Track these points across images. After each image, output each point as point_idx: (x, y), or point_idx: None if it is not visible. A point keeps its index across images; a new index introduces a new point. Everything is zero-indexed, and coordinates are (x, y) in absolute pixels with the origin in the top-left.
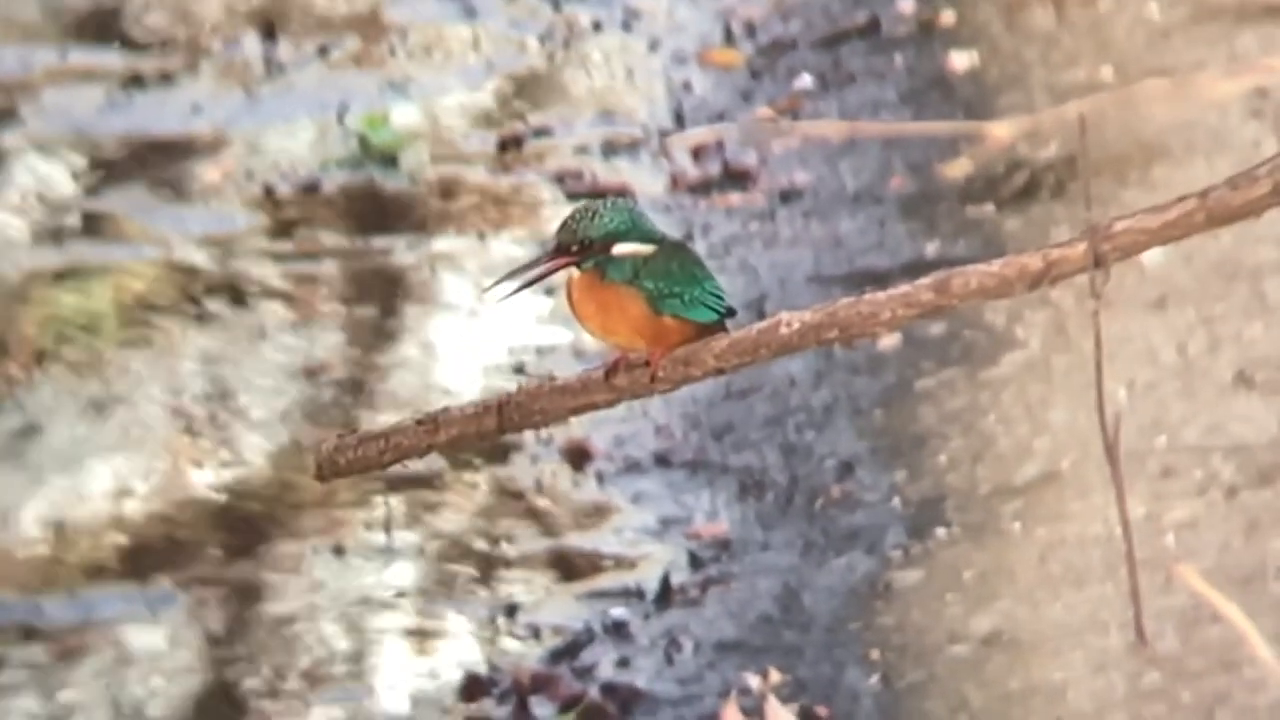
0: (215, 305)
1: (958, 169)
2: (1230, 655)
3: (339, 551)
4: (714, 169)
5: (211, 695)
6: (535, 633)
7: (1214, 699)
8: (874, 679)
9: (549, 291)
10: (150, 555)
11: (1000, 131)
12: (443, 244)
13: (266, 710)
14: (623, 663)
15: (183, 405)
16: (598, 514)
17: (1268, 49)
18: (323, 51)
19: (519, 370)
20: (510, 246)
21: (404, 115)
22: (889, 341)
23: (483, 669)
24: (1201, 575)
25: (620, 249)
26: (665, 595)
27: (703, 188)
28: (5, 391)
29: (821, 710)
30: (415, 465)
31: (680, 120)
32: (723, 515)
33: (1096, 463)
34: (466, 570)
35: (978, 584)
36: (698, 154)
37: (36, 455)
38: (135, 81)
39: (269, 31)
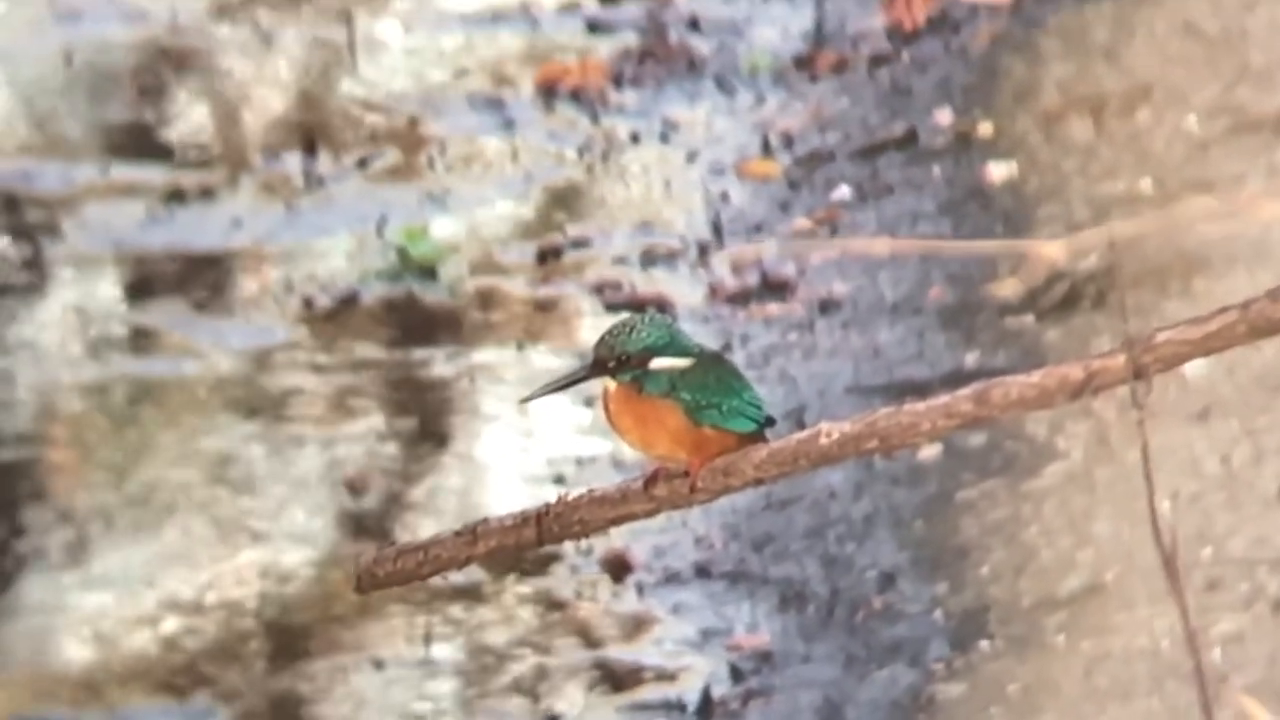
0: (255, 417)
1: (1007, 288)
2: None
3: (379, 665)
4: (752, 280)
5: None
6: None
7: None
8: None
9: (588, 402)
10: (190, 669)
11: (1048, 250)
12: (482, 355)
13: None
14: None
15: (223, 517)
16: (638, 625)
17: None
18: (362, 164)
19: (558, 481)
20: (549, 358)
21: (443, 227)
22: (929, 452)
23: None
24: (1247, 690)
25: (657, 363)
26: (706, 708)
27: (741, 298)
28: (50, 505)
29: None
30: (455, 577)
31: (718, 231)
32: (763, 627)
33: (1141, 575)
34: (507, 683)
35: (1022, 698)
36: (737, 266)
37: (77, 569)
38: (176, 196)
39: (309, 146)
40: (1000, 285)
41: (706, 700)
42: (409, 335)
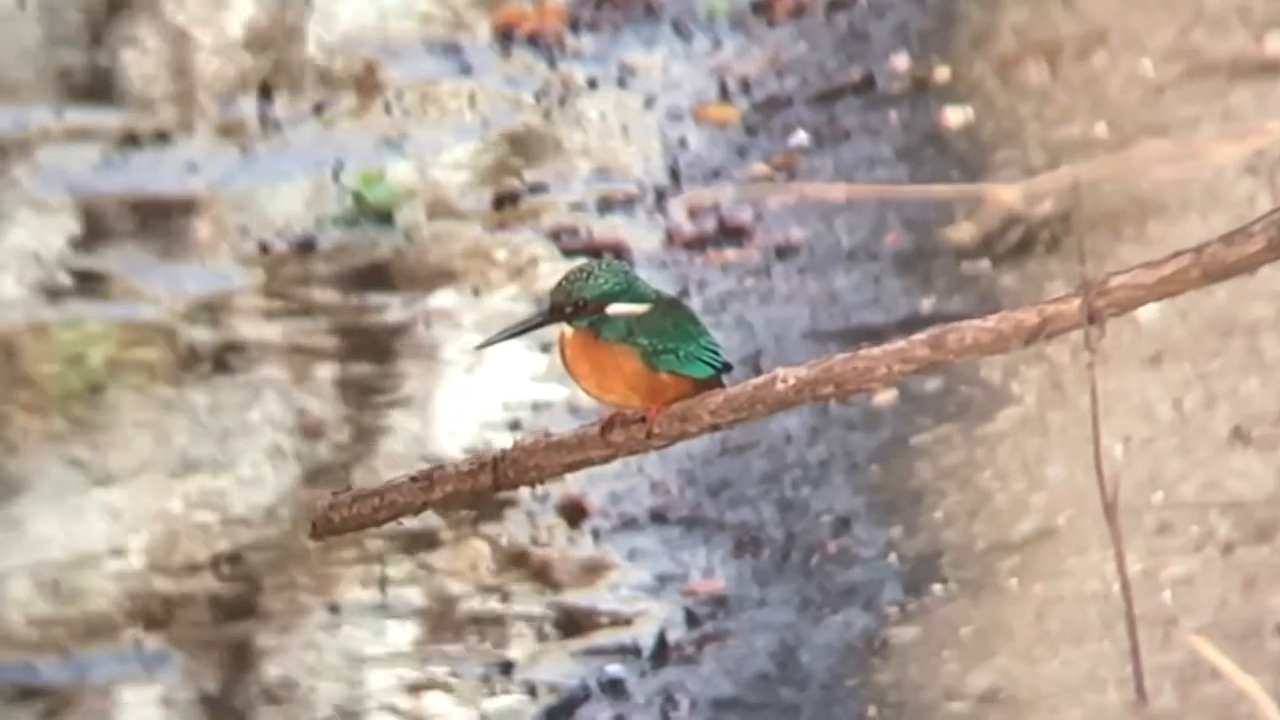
0: (210, 363)
1: (962, 232)
2: (1229, 713)
3: (334, 610)
4: (709, 225)
5: None
6: (531, 690)
7: None
8: None
9: (545, 348)
10: (145, 615)
11: (1004, 194)
12: (438, 301)
13: None
14: None
15: (177, 464)
16: (594, 571)
17: (1262, 106)
18: (318, 109)
19: (514, 426)
20: (505, 303)
21: (399, 173)
22: (885, 397)
23: None
24: (1199, 632)
25: (615, 309)
26: (661, 652)
27: (698, 244)
28: (1, 451)
29: None
30: (411, 523)
31: (676, 176)
32: (719, 572)
33: (1093, 519)
34: (463, 629)
35: (975, 641)
36: (693, 210)
37: (30, 515)
38: (131, 140)
39: (264, 90)
40: (956, 229)
41: (662, 644)
42: (365, 280)
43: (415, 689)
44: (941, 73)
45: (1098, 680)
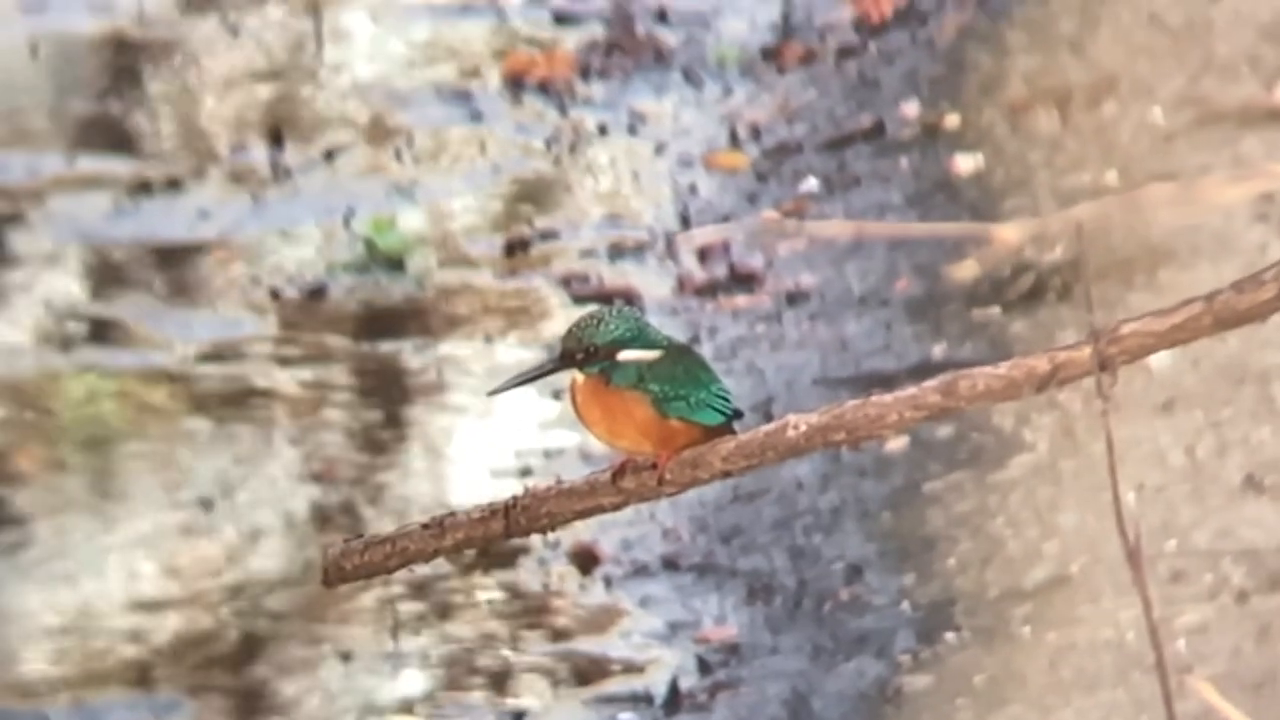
0: (222, 410)
1: (965, 270)
2: None
3: (346, 658)
4: (720, 272)
5: None
6: None
7: None
8: None
9: (556, 395)
10: (157, 663)
11: (1007, 234)
12: (449, 347)
13: None
14: None
15: (189, 511)
16: (605, 618)
17: (1272, 153)
18: (329, 156)
19: (526, 473)
20: (516, 350)
21: (410, 219)
22: (896, 444)
23: None
24: (1212, 681)
25: (625, 355)
26: (674, 700)
27: (709, 290)
28: (15, 497)
29: None
30: (423, 570)
31: (686, 223)
32: (731, 619)
33: (1106, 566)
34: (474, 675)
35: (988, 688)
36: (704, 256)
37: (41, 562)
38: (143, 188)
39: (276, 137)
40: (959, 268)
41: (674, 692)
42: (376, 327)
43: None
44: (952, 120)
45: None
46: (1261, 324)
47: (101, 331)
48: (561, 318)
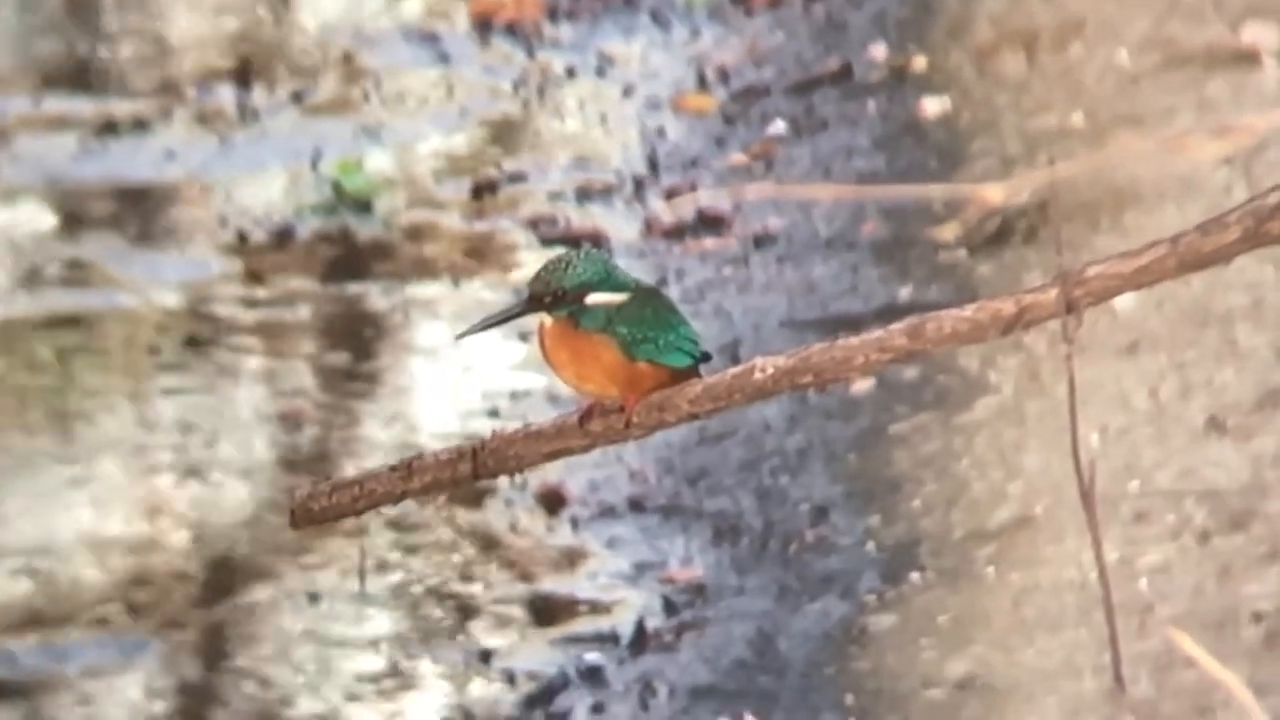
0: (188, 351)
1: (948, 232)
2: (1204, 700)
3: (313, 598)
4: (688, 215)
5: None
6: (510, 678)
7: None
8: None
9: (523, 337)
10: (123, 602)
11: (989, 193)
12: (417, 290)
13: None
14: (598, 708)
15: (156, 452)
16: (572, 559)
17: (1238, 96)
18: (297, 98)
19: (493, 415)
20: (484, 292)
21: (378, 161)
22: (862, 386)
23: (457, 715)
24: (1174, 620)
25: (593, 299)
26: (640, 640)
27: (677, 233)
28: None
29: None
30: (390, 511)
31: (654, 166)
32: (697, 560)
33: (1070, 507)
34: (441, 616)
35: (952, 629)
36: (676, 208)
37: (6, 503)
38: (109, 129)
39: (243, 78)
40: (941, 229)
41: (640, 632)
42: (344, 269)
43: (394, 677)
44: (919, 62)
45: (1074, 668)
46: (1225, 266)
47: (68, 272)
48: (529, 260)
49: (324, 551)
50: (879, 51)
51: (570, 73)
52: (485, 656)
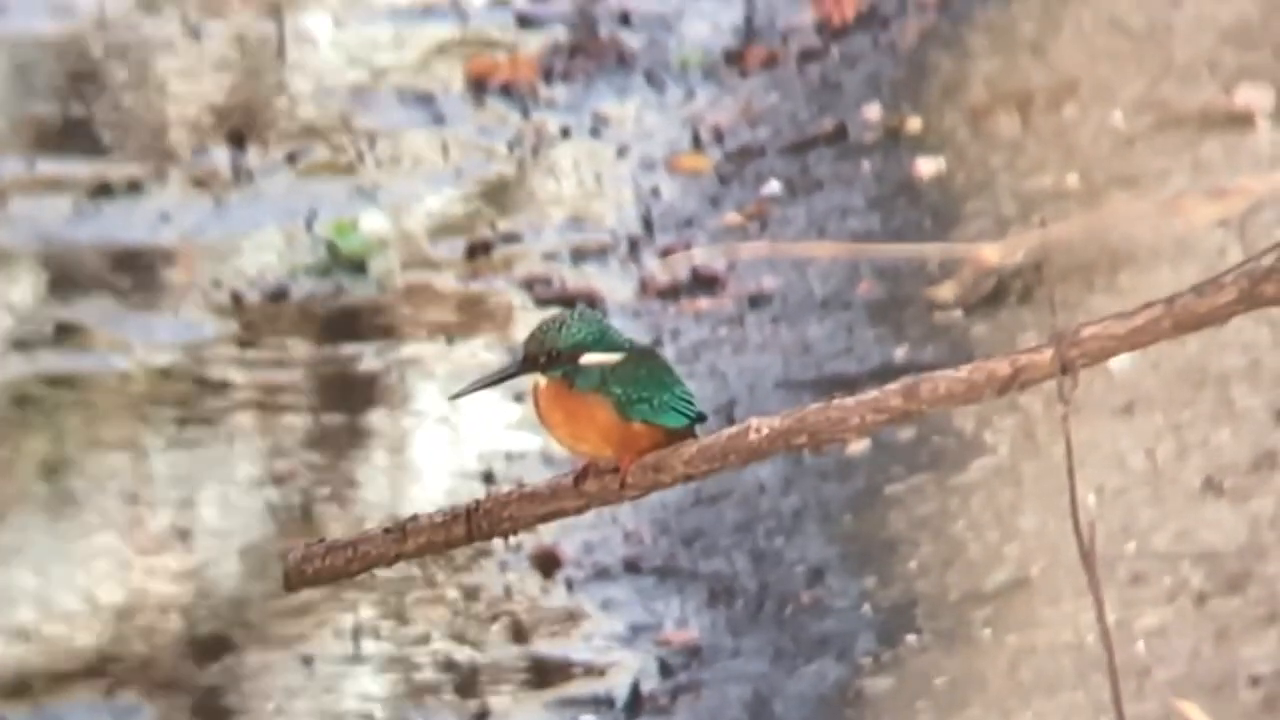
0: (183, 413)
1: (945, 292)
2: None
3: (307, 661)
4: (683, 275)
5: None
6: None
7: None
8: None
9: (518, 398)
10: (116, 666)
11: (986, 254)
12: (411, 350)
13: None
14: None
15: (149, 514)
16: (567, 621)
17: (1231, 158)
18: (291, 159)
19: (488, 477)
20: (479, 352)
21: (372, 222)
22: (858, 447)
23: None
24: (1172, 683)
25: (588, 359)
26: (635, 703)
27: (671, 293)
28: None
29: None
30: (384, 574)
31: (649, 226)
32: (693, 622)
33: (1067, 569)
34: (436, 678)
35: (949, 691)
36: (671, 267)
37: (1, 566)
38: (103, 190)
39: (237, 140)
40: (939, 289)
41: (635, 695)
42: (338, 330)
43: None
44: (913, 123)
45: None
46: (1221, 327)
47: (61, 334)
48: (524, 321)
49: (318, 614)
50: (873, 112)
51: (565, 133)
52: (481, 718)
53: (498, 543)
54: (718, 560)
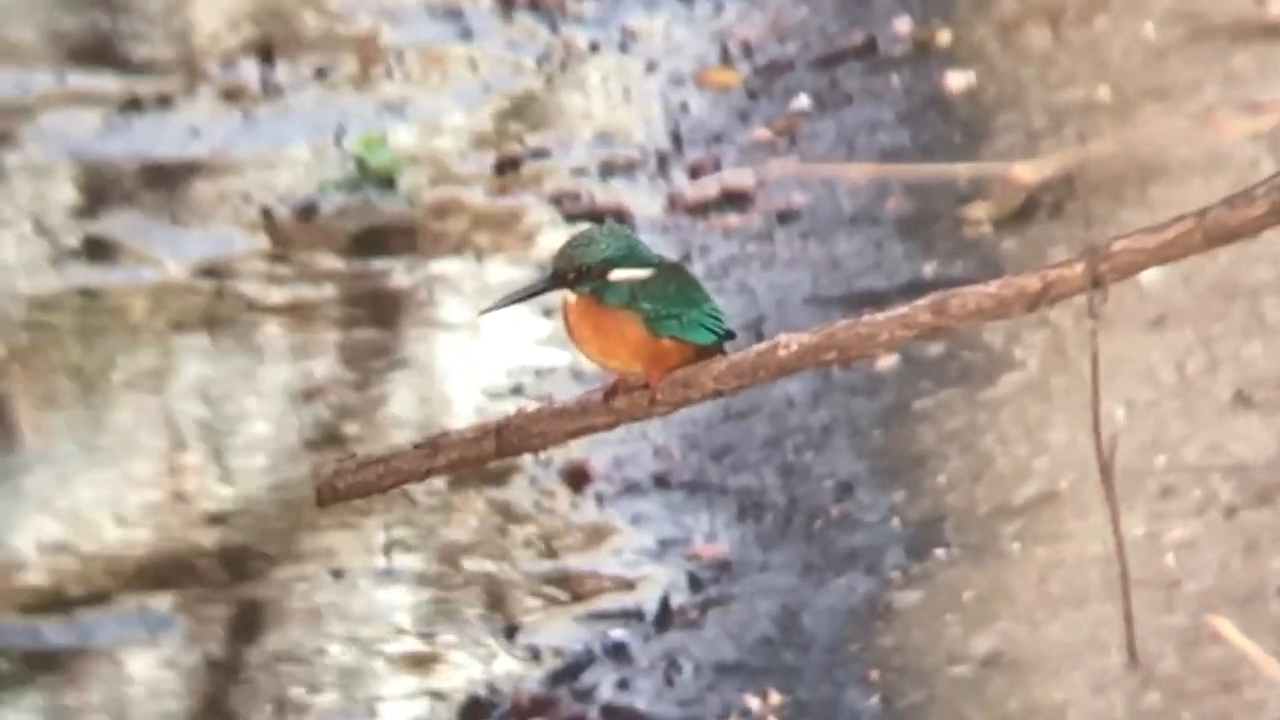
0: (214, 328)
1: (980, 211)
2: (1230, 676)
3: (339, 575)
4: (711, 191)
5: (209, 719)
6: (535, 655)
7: None
8: (874, 700)
9: (547, 313)
10: (149, 579)
11: (1021, 172)
12: (440, 266)
13: None
14: (622, 685)
15: (181, 428)
16: (597, 536)
17: (1263, 69)
18: (320, 74)
19: (518, 392)
20: (508, 268)
21: (401, 137)
22: (887, 362)
23: (483, 692)
24: (1201, 596)
25: (617, 275)
26: (665, 617)
27: (700, 209)
28: (8, 415)
29: None
30: (415, 488)
31: (678, 141)
32: (722, 536)
33: (1095, 483)
34: (466, 593)
35: (977, 605)
36: (696, 174)
37: (33, 478)
38: (133, 105)
39: (267, 55)
40: (971, 208)
41: (665, 609)
42: (367, 245)
43: (419, 654)
44: (943, 37)
45: (1099, 644)
46: (1252, 240)
47: (92, 249)
48: (553, 236)
49: (349, 528)
50: (903, 26)
51: (594, 48)
52: (510, 633)
53: (528, 458)
54: (747, 475)
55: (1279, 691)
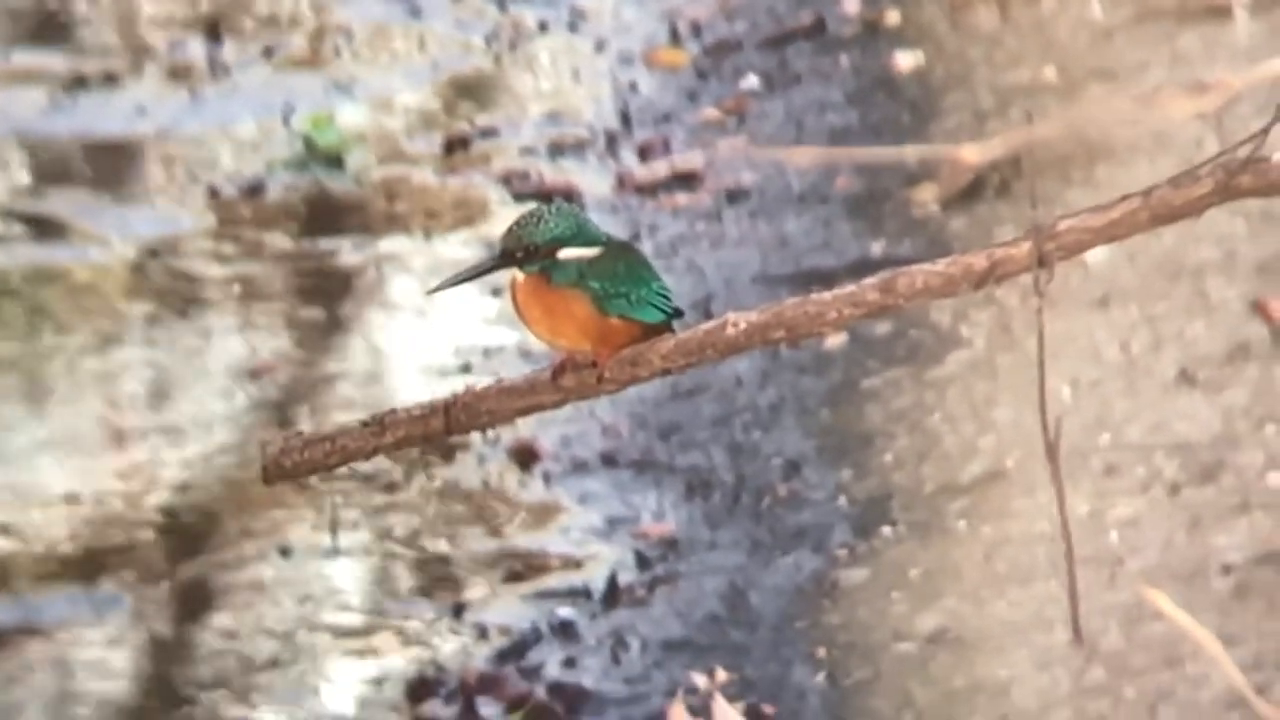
0: (160, 307)
1: (926, 194)
2: (1173, 651)
3: (285, 553)
4: (661, 170)
5: (156, 697)
6: (482, 633)
7: (1157, 695)
8: (820, 677)
9: (495, 292)
10: (95, 558)
11: (966, 154)
12: (388, 245)
13: (211, 712)
14: (569, 662)
15: (127, 407)
16: (545, 514)
17: (1209, 50)
18: (267, 52)
19: (466, 371)
20: (456, 247)
21: (349, 116)
22: (835, 341)
23: (429, 670)
24: (1145, 573)
25: (565, 253)
26: (612, 595)
27: (649, 188)
28: None
29: (768, 709)
30: (362, 466)
31: (627, 120)
32: (669, 515)
33: (1041, 461)
34: (413, 571)
35: (923, 582)
36: (645, 154)
37: None
38: (79, 83)
39: (213, 32)
40: (918, 189)
41: (613, 587)
42: (315, 224)
43: (366, 631)
44: (892, 17)
45: (1044, 620)
46: (1197, 219)
47: (38, 227)
48: (501, 216)
49: (295, 506)
50: (852, 6)
51: (543, 27)
52: (458, 611)
53: (476, 436)
54: (695, 454)
55: (1220, 666)
